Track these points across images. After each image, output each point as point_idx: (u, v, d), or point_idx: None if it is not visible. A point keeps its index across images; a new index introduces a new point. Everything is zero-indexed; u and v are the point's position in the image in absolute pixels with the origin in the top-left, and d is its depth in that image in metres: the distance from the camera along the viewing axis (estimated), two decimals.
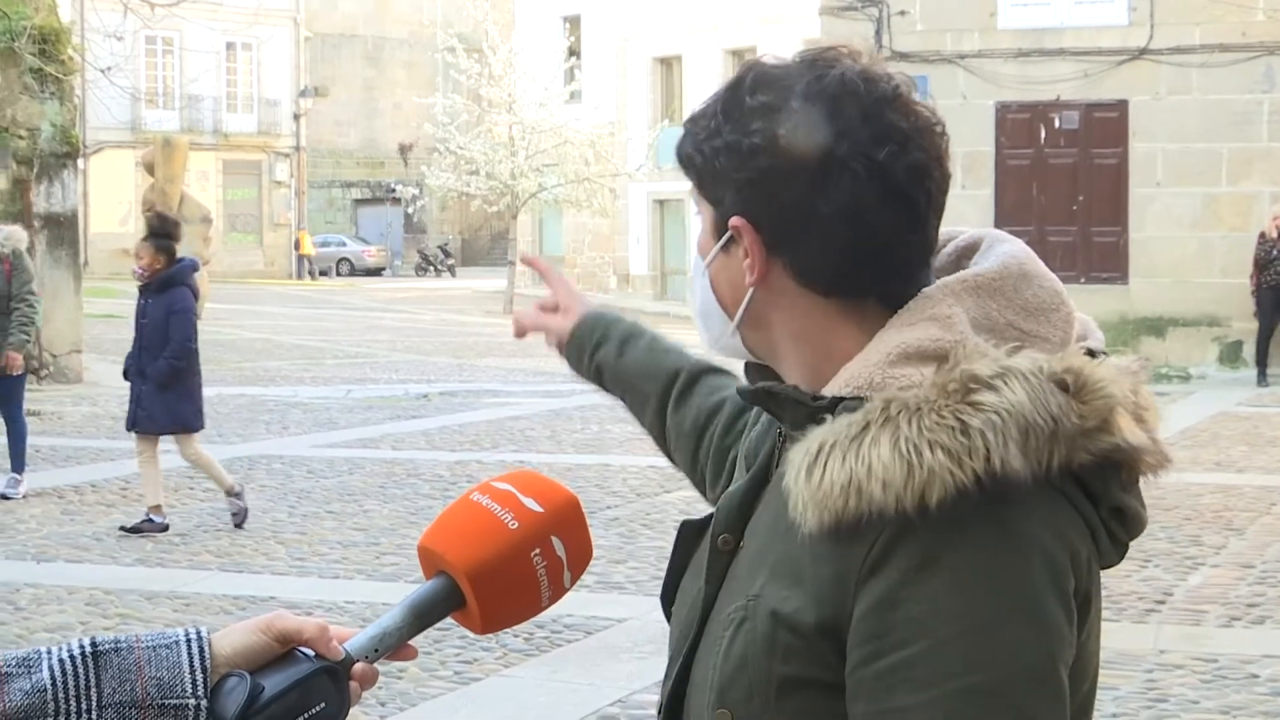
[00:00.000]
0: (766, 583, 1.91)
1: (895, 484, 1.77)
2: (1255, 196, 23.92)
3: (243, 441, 16.69)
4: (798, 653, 1.86)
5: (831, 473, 1.81)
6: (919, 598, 1.78)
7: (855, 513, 1.79)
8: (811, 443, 1.85)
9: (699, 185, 2.00)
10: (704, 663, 1.98)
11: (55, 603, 9.46)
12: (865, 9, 24.87)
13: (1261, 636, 8.88)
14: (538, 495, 1.83)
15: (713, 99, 1.99)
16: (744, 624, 1.91)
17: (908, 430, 1.79)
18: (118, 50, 26.00)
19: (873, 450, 1.79)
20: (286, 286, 58.54)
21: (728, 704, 1.91)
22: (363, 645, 1.76)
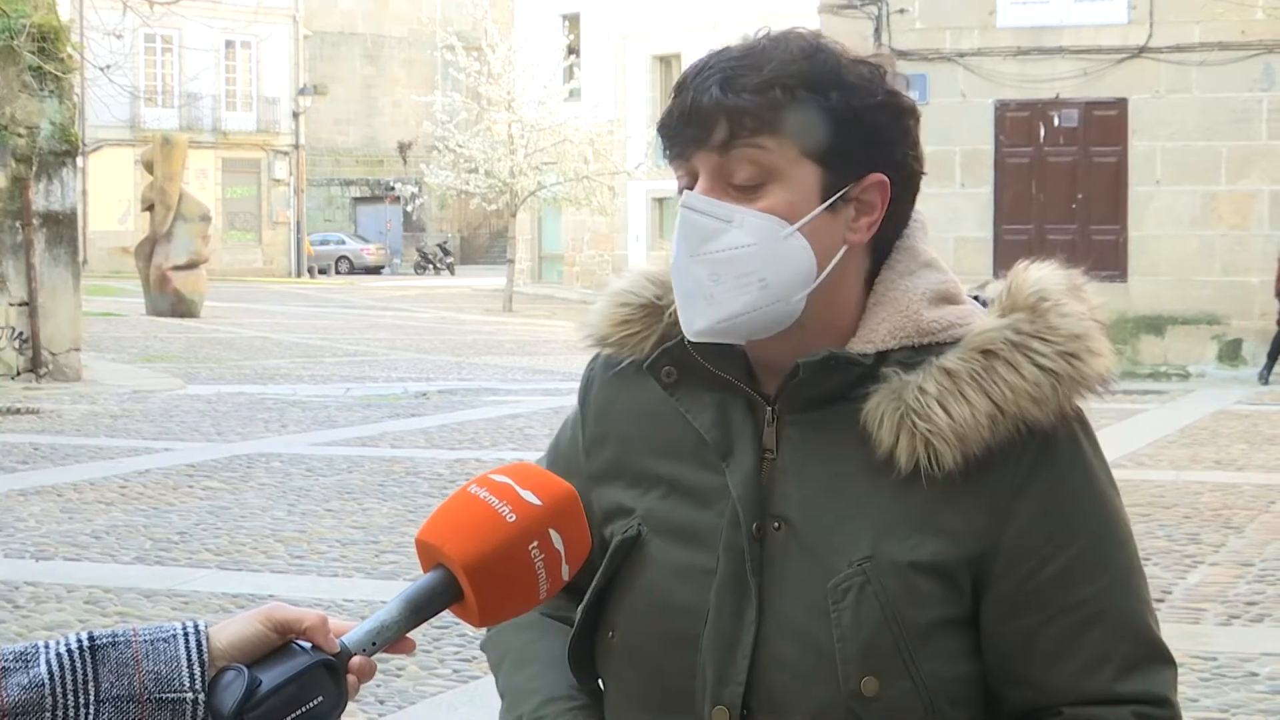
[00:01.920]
0: (877, 541, 1.98)
1: (1048, 399, 1.98)
2: (1254, 194, 23.92)
3: (241, 440, 16.69)
4: (936, 597, 1.99)
5: (969, 406, 1.96)
6: (1071, 501, 2.02)
7: (1004, 437, 1.97)
8: (908, 392, 1.98)
9: (807, 145, 2.00)
10: (792, 645, 2.00)
11: (54, 601, 9.45)
12: (864, 7, 24.88)
13: (1260, 635, 8.87)
14: (535, 488, 1.82)
15: (804, 63, 2.02)
16: (866, 587, 1.97)
17: (1042, 349, 1.99)
18: (117, 48, 25.98)
19: (1011, 376, 1.97)
20: (285, 285, 58.53)
21: (873, 669, 1.97)
22: (360, 639, 1.76)
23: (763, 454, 2.06)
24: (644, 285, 2.20)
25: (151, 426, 17.81)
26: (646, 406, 2.17)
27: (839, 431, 2.03)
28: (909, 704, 1.98)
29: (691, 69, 2.05)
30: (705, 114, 2.00)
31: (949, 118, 24.57)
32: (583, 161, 45.48)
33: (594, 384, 2.27)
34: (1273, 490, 13.26)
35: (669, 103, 2.05)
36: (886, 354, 2.02)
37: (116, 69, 24.69)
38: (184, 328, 33.83)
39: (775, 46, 2.03)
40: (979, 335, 2.01)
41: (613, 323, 2.21)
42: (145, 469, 14.47)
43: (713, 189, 2.01)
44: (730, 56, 2.03)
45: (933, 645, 1.99)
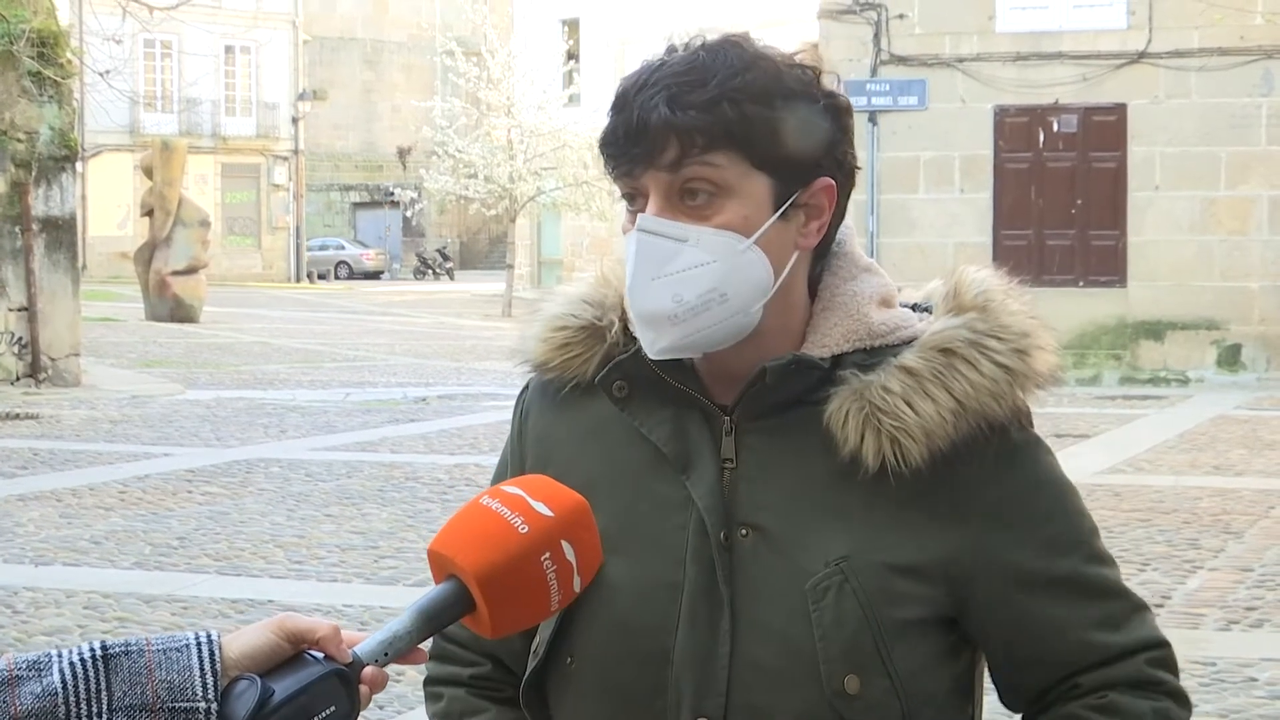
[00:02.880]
0: (853, 541, 2.02)
1: (1005, 394, 2.03)
2: (1254, 200, 23.93)
3: (241, 445, 16.69)
4: (912, 596, 2.03)
5: (933, 404, 2.01)
6: (1036, 485, 2.07)
7: (967, 433, 2.01)
8: (872, 391, 2.01)
9: (757, 157, 2.01)
10: (770, 649, 2.02)
11: (53, 606, 9.45)
12: (864, 12, 24.88)
13: (1260, 640, 8.88)
14: (547, 499, 1.83)
15: (747, 75, 2.02)
16: (845, 585, 2.00)
17: (997, 346, 2.04)
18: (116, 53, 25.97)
19: (971, 373, 2.02)
20: (285, 290, 58.53)
21: (855, 667, 2.00)
22: (372, 649, 1.76)
23: (722, 464, 2.07)
24: (581, 307, 2.19)
25: (151, 432, 17.81)
26: (593, 427, 2.16)
27: (800, 436, 2.05)
28: (888, 702, 2.01)
29: (630, 84, 2.03)
30: (654, 133, 1.99)
31: (948, 123, 24.58)
32: (582, 167, 45.47)
33: (530, 413, 2.25)
34: (1272, 495, 13.27)
35: (610, 119, 2.03)
36: (841, 357, 2.05)
37: (116, 74, 24.70)
38: (183, 333, 33.84)
39: (715, 58, 2.03)
40: (937, 335, 2.05)
41: (552, 347, 2.18)
42: (144, 474, 14.47)
43: (665, 209, 2.00)
44: (673, 71, 2.01)
45: (908, 644, 2.02)
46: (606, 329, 2.16)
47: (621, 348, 2.12)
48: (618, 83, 2.07)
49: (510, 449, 2.29)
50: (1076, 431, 17.73)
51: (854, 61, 24.95)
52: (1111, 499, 12.83)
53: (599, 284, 2.20)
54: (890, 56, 24.85)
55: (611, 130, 2.03)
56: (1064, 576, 2.07)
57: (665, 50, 2.07)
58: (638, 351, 2.08)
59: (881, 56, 24.88)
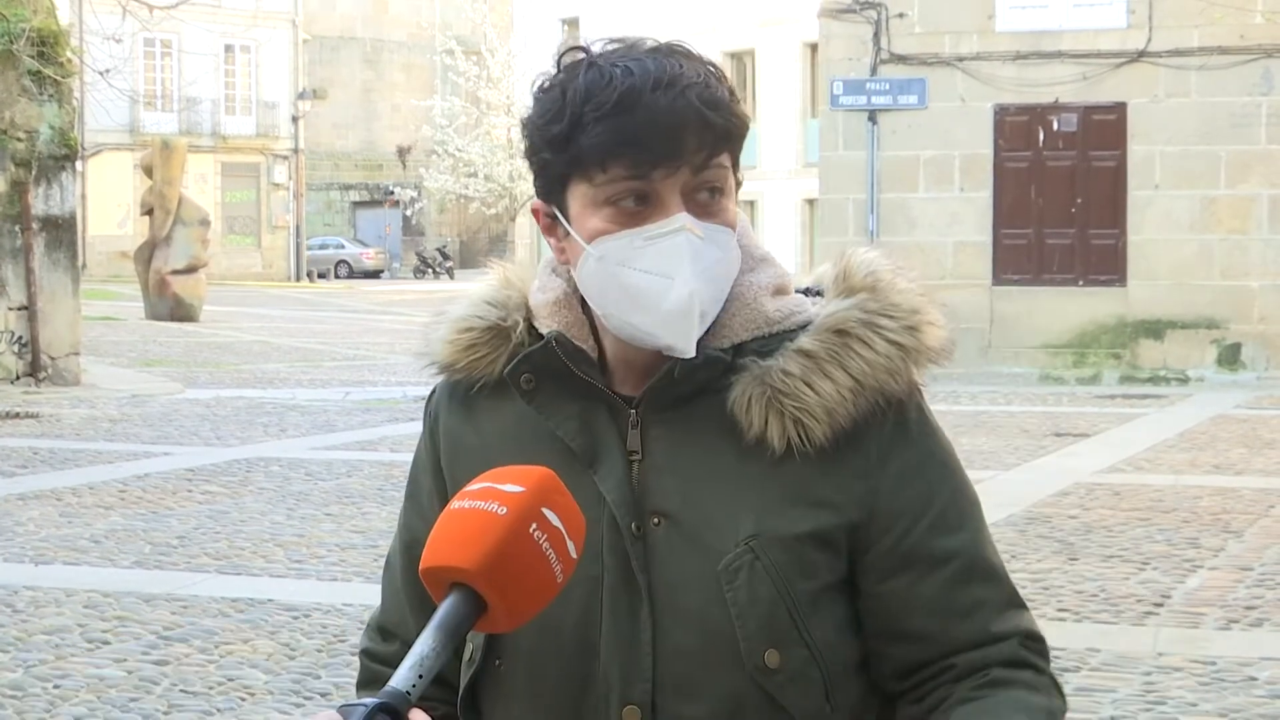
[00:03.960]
0: (760, 519, 2.08)
1: (900, 370, 2.10)
2: (1254, 199, 23.92)
3: (240, 444, 16.69)
4: (822, 565, 2.10)
5: (832, 383, 2.08)
6: (929, 462, 2.14)
7: (866, 409, 2.09)
8: (772, 376, 2.08)
9: (733, 148, 2.11)
10: (691, 632, 2.07)
11: (53, 605, 9.45)
12: (864, 11, 24.88)
13: (1260, 639, 8.87)
14: (514, 479, 1.84)
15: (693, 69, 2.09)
16: (755, 564, 2.07)
17: (889, 324, 2.12)
18: (116, 52, 25.96)
19: (866, 351, 2.09)
20: (285, 289, 58.52)
21: (773, 641, 2.07)
22: (405, 676, 1.77)
23: (629, 456, 2.12)
24: (485, 309, 2.25)
25: (150, 431, 17.81)
26: (503, 428, 2.21)
27: (705, 424, 2.11)
28: (809, 672, 2.08)
29: (638, 83, 2.05)
30: (689, 133, 2.04)
31: (948, 122, 24.58)
32: None
33: (439, 415, 2.30)
34: (1272, 494, 13.27)
35: (616, 119, 2.03)
36: (740, 346, 2.12)
37: (116, 73, 24.70)
38: (183, 332, 33.84)
39: (693, 61, 2.11)
40: (830, 316, 2.12)
41: (458, 349, 2.24)
42: (144, 473, 14.48)
43: (688, 208, 2.07)
44: (694, 73, 2.07)
45: (822, 614, 2.10)
46: (511, 329, 2.22)
47: (527, 346, 2.18)
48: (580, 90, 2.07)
49: (423, 455, 2.33)
50: (1076, 430, 17.73)
51: (854, 60, 24.96)
52: (1111, 498, 12.84)
53: (502, 286, 2.27)
54: (890, 55, 24.84)
55: (626, 130, 2.03)
56: (952, 553, 2.12)
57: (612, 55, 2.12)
58: (546, 345, 2.14)
59: (881, 55, 24.88)
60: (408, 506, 2.36)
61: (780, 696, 2.07)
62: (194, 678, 7.95)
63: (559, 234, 2.16)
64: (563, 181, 2.11)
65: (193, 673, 8.04)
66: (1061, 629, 9.00)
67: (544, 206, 2.16)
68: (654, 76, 2.05)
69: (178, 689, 7.78)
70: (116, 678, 7.97)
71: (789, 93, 46.21)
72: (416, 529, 2.30)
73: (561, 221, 2.13)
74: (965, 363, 24.33)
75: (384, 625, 2.35)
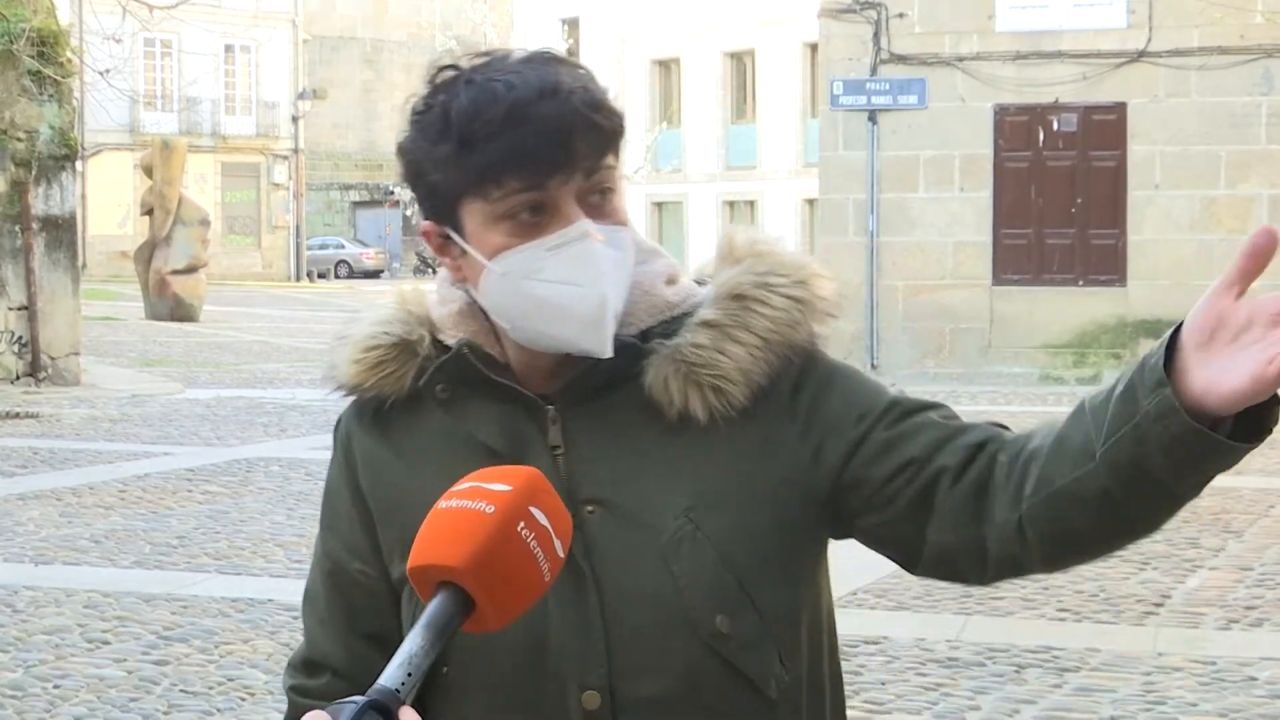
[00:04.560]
0: (696, 491, 2.12)
1: (800, 321, 2.16)
2: (1253, 199, 23.92)
3: (241, 444, 16.70)
4: (763, 527, 2.12)
5: (741, 346, 2.13)
6: (846, 375, 2.20)
7: (778, 364, 2.14)
8: (683, 351, 2.13)
9: (617, 147, 2.13)
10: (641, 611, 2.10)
11: (53, 605, 9.46)
12: (863, 11, 24.88)
13: (1260, 639, 8.87)
14: (501, 478, 1.84)
15: (570, 75, 2.10)
16: (697, 534, 2.10)
17: (780, 281, 2.17)
18: (116, 52, 25.96)
19: (765, 309, 2.15)
20: (285, 289, 58.52)
21: (722, 607, 2.09)
22: (394, 674, 1.76)
23: (553, 452, 2.15)
24: (390, 326, 2.25)
25: (150, 431, 17.82)
26: (421, 442, 2.22)
27: (625, 411, 2.15)
28: (761, 635, 2.11)
29: (523, 95, 2.06)
30: (579, 140, 2.06)
31: (948, 122, 24.57)
32: None
33: (352, 437, 2.29)
34: (1272, 494, 13.27)
35: (505, 136, 2.05)
36: (647, 331, 2.16)
37: (116, 73, 24.71)
38: (183, 332, 33.84)
39: (568, 66, 2.13)
40: (724, 284, 2.17)
41: (365, 367, 2.23)
42: (144, 473, 14.48)
43: (586, 213, 2.09)
44: (573, 79, 2.09)
45: (772, 575, 2.13)
46: (418, 343, 2.22)
47: (435, 358, 2.19)
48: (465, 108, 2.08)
49: (337, 481, 2.31)
50: None
51: (854, 60, 24.96)
52: None
53: (400, 305, 2.27)
54: (890, 55, 24.84)
55: (518, 143, 2.05)
56: (890, 403, 2.16)
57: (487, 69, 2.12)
58: (458, 353, 2.16)
59: (881, 55, 24.87)
60: (325, 535, 2.32)
61: (736, 661, 2.10)
62: (194, 678, 7.95)
63: (454, 254, 2.15)
64: (455, 201, 2.11)
65: (193, 673, 8.04)
66: (1061, 629, 9.01)
67: (435, 228, 2.17)
68: (537, 87, 2.06)
69: (178, 689, 7.78)
70: (116, 678, 7.97)
71: (789, 93, 46.20)
72: (339, 556, 2.28)
73: (458, 241, 2.14)
74: (965, 363, 24.33)
75: (310, 659, 2.32)
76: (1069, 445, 1.97)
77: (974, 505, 2.07)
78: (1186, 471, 1.94)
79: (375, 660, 2.14)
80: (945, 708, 7.56)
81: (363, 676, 2.11)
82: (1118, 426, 1.91)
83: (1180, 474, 1.94)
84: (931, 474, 2.09)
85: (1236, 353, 1.81)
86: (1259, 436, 1.87)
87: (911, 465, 2.10)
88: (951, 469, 2.08)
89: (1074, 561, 2.15)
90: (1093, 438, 1.94)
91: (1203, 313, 1.83)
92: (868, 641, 8.68)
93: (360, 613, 2.26)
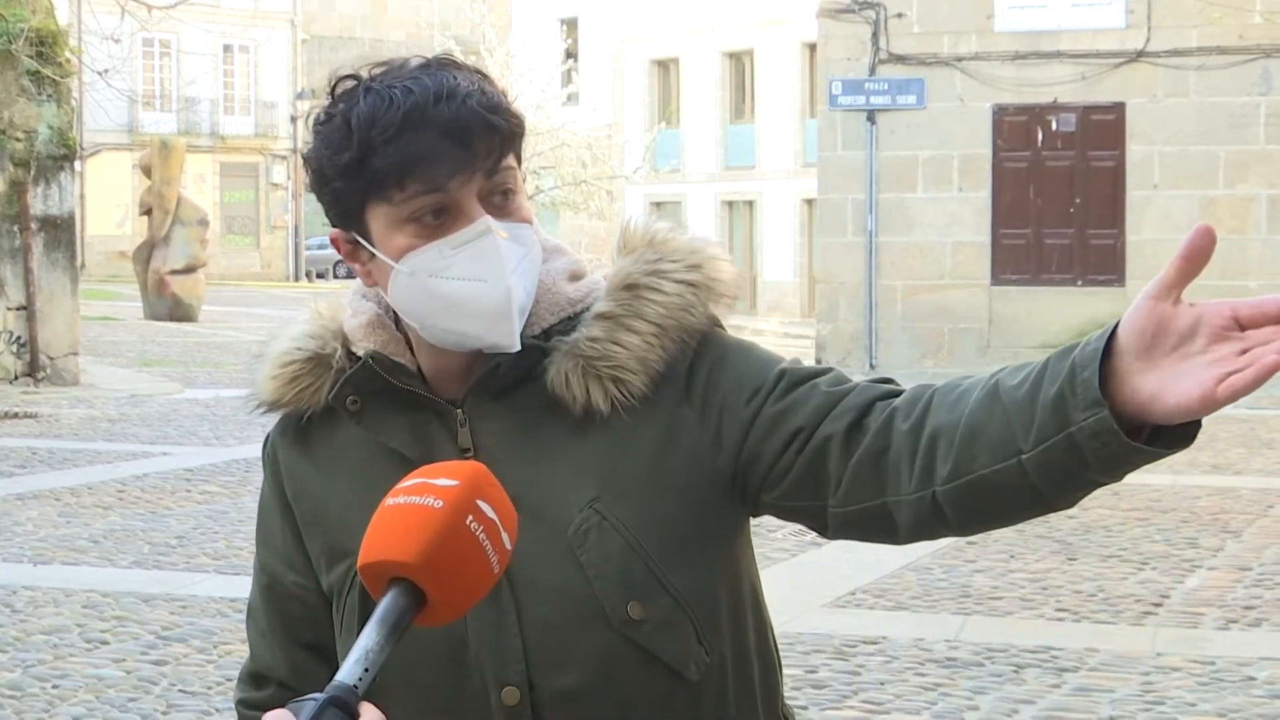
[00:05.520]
0: (600, 481, 2.15)
1: (695, 305, 2.18)
2: (1252, 199, 23.94)
3: (239, 444, 16.69)
4: (671, 512, 2.15)
5: (635, 335, 2.17)
6: (732, 350, 2.20)
7: (674, 349, 2.17)
8: (580, 346, 2.16)
9: (516, 147, 2.17)
10: (554, 604, 2.13)
11: (52, 605, 9.45)
12: (862, 11, 24.89)
13: (1258, 639, 8.87)
14: (447, 473, 1.86)
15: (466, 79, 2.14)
16: (603, 523, 2.14)
17: (672, 267, 2.19)
18: (115, 52, 25.94)
19: (658, 296, 2.18)
20: (283, 289, 58.52)
21: (634, 594, 2.12)
22: (351, 670, 1.77)
23: (463, 454, 2.18)
24: (305, 340, 2.30)
25: (149, 431, 17.82)
26: (338, 453, 2.27)
27: (530, 410, 2.19)
28: (676, 618, 2.14)
29: (419, 99, 2.10)
30: (477, 141, 2.10)
31: (947, 122, 24.58)
32: (580, 166, 45.48)
33: (277, 451, 2.35)
34: (1270, 494, 13.27)
35: (403, 140, 2.09)
36: (549, 330, 2.20)
37: (114, 73, 24.68)
38: (182, 332, 33.84)
39: (464, 71, 2.17)
40: (616, 276, 2.22)
41: (283, 383, 2.29)
42: (143, 473, 14.48)
43: (488, 212, 2.13)
44: (469, 83, 2.13)
45: (688, 558, 2.15)
46: (331, 356, 2.27)
47: (348, 371, 2.23)
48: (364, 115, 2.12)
49: (268, 496, 2.37)
50: None
51: (852, 60, 24.97)
52: (1110, 498, 12.83)
53: (314, 319, 2.32)
54: (889, 55, 24.86)
55: (416, 146, 2.09)
56: (777, 375, 2.17)
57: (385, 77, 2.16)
58: (364, 364, 2.21)
59: (880, 55, 24.90)
60: (261, 550, 2.38)
61: (651, 646, 2.13)
62: (193, 678, 7.95)
63: (363, 258, 2.20)
64: (360, 206, 2.15)
65: (191, 673, 8.04)
66: (1060, 629, 9.01)
67: (343, 234, 2.21)
68: (433, 91, 2.10)
69: (176, 689, 7.78)
70: (115, 678, 7.97)
71: (788, 93, 46.18)
72: (275, 570, 2.34)
73: (365, 245, 2.18)
74: (964, 363, 24.34)
75: (256, 672, 2.37)
76: (987, 434, 1.96)
77: (874, 476, 2.07)
78: (1117, 472, 1.93)
79: (316, 669, 2.25)
80: (944, 708, 7.56)
81: (306, 685, 2.17)
82: (1048, 434, 1.89)
83: (1110, 474, 1.93)
84: (819, 442, 2.10)
85: (1179, 363, 1.79)
86: (1185, 442, 1.88)
87: (799, 435, 2.12)
88: (839, 435, 2.09)
89: (991, 529, 2.13)
90: (1017, 436, 1.92)
91: (1142, 317, 1.79)
92: (866, 641, 8.68)
93: (298, 624, 2.31)
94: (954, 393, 2.03)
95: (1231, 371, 1.75)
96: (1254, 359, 1.74)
